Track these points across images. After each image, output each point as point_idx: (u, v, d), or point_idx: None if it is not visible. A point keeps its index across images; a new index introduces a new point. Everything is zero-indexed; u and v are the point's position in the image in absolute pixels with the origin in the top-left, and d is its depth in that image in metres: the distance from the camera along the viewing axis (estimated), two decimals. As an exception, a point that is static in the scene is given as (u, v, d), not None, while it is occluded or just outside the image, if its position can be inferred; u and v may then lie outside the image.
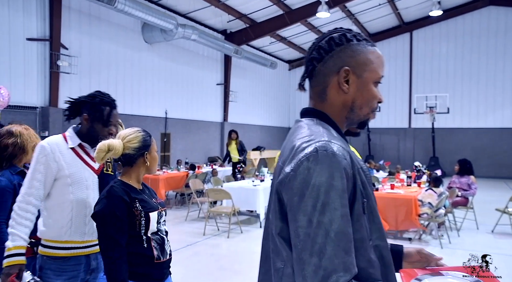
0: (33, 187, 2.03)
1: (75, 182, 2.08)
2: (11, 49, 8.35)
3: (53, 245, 2.08)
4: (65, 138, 2.14)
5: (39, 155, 2.05)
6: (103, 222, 1.81)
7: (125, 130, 1.99)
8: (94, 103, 2.13)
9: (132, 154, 1.93)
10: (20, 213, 2.01)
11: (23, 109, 8.48)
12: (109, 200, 1.83)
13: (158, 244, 1.93)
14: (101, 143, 1.87)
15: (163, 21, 10.18)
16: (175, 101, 12.91)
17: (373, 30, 17.67)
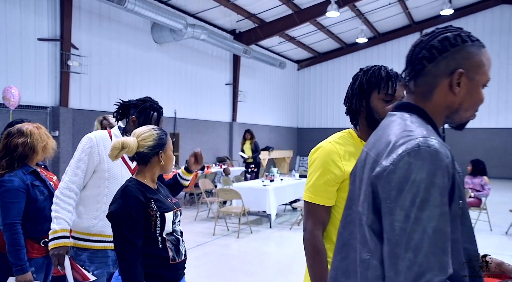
0: (77, 175, 2.12)
1: (111, 177, 2.16)
2: (23, 49, 8.41)
3: (83, 237, 2.15)
4: (109, 135, 2.24)
5: (85, 146, 2.15)
6: (118, 222, 1.79)
7: (141, 128, 1.96)
8: (144, 107, 2.24)
9: (146, 153, 1.90)
10: (64, 198, 2.08)
11: (34, 109, 8.53)
12: (124, 200, 1.81)
13: (173, 245, 1.91)
14: (116, 140, 1.86)
15: (173, 21, 10.18)
16: (184, 101, 12.92)
17: (383, 29, 17.54)
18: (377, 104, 1.60)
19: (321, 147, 1.63)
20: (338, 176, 1.55)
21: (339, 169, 1.56)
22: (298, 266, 5.25)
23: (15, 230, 2.18)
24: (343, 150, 1.60)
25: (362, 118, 1.65)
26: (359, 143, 1.64)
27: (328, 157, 1.58)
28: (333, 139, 1.66)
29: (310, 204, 1.59)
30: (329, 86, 19.78)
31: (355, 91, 1.64)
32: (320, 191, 1.57)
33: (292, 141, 20.13)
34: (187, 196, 10.34)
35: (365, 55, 18.72)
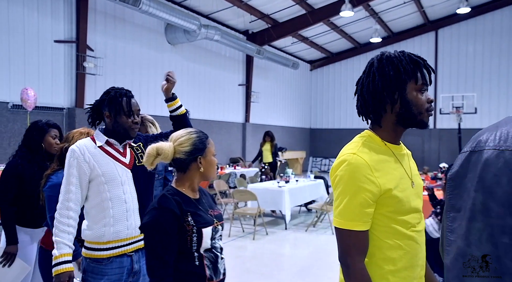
0: (70, 191, 2.04)
1: (109, 180, 2.07)
2: (40, 51, 8.49)
3: (96, 246, 2.07)
4: (93, 140, 2.15)
5: (70, 159, 2.07)
6: (150, 236, 1.66)
7: (178, 132, 1.83)
8: (111, 98, 2.12)
9: (184, 159, 1.75)
10: (62, 220, 2.03)
11: (50, 110, 8.61)
12: (158, 212, 1.67)
13: (211, 262, 1.75)
14: (150, 147, 1.73)
15: (187, 22, 10.20)
16: (197, 102, 12.94)
17: (397, 29, 17.35)
18: (415, 96, 1.37)
19: (345, 161, 1.35)
20: (374, 193, 1.31)
21: (374, 184, 1.31)
22: (315, 268, 5.20)
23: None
24: (372, 160, 1.35)
25: (390, 116, 1.40)
26: (383, 146, 1.41)
27: (358, 172, 1.31)
28: (356, 148, 1.38)
29: (345, 231, 1.32)
30: (342, 86, 19.63)
31: (388, 83, 1.37)
32: (355, 214, 1.31)
33: (305, 141, 20.03)
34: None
35: (378, 55, 18.51)
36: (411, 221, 1.38)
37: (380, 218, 1.35)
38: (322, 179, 9.02)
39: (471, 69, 16.91)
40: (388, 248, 1.36)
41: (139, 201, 2.16)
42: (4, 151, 7.78)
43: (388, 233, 1.36)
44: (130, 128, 2.13)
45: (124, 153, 2.20)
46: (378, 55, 1.43)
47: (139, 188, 2.17)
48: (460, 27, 16.94)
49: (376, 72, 1.40)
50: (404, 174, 1.42)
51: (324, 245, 6.41)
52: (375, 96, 1.40)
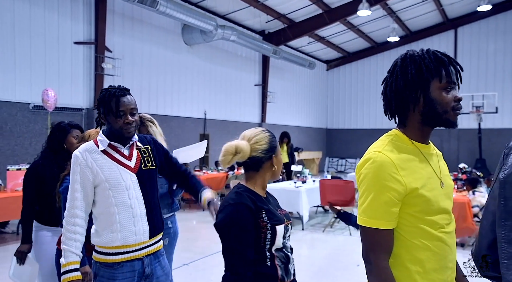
0: (75, 199, 2.00)
1: (113, 185, 2.00)
2: (60, 52, 8.64)
3: (106, 251, 2.03)
4: (96, 143, 2.07)
5: (73, 165, 2.03)
6: (227, 232, 1.61)
7: (249, 130, 1.78)
8: (100, 98, 2.04)
9: (260, 157, 1.71)
10: (69, 227, 2.00)
11: (70, 111, 8.74)
12: (233, 207, 1.62)
13: (282, 263, 1.69)
14: (228, 145, 1.68)
15: (203, 23, 10.25)
16: (213, 102, 12.98)
17: (415, 27, 17.10)
18: (440, 95, 1.34)
19: (370, 159, 1.34)
20: (400, 191, 1.29)
21: (399, 182, 1.28)
22: (332, 269, 5.14)
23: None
24: (398, 158, 1.32)
25: (414, 115, 1.38)
26: (410, 145, 1.38)
27: (383, 170, 1.29)
28: (381, 146, 1.36)
29: (369, 229, 1.31)
30: (358, 86, 19.46)
31: (410, 82, 1.35)
32: (380, 212, 1.29)
33: (322, 141, 19.91)
34: (218, 197, 10.36)
35: (396, 54, 18.13)
36: (440, 222, 1.33)
37: (407, 217, 1.32)
38: (340, 179, 8.94)
39: (491, 68, 16.56)
40: (415, 248, 1.32)
41: (146, 205, 2.08)
42: (25, 151, 7.94)
43: (415, 233, 1.32)
44: (122, 129, 2.02)
45: (129, 155, 2.10)
46: (403, 54, 1.42)
47: (145, 192, 2.09)
48: (481, 25, 16.60)
49: (399, 71, 1.39)
50: (432, 173, 1.38)
51: (342, 246, 6.34)
52: (398, 95, 1.39)
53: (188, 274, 4.84)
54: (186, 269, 5.00)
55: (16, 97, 7.94)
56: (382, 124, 18.67)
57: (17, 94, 7.95)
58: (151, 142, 2.26)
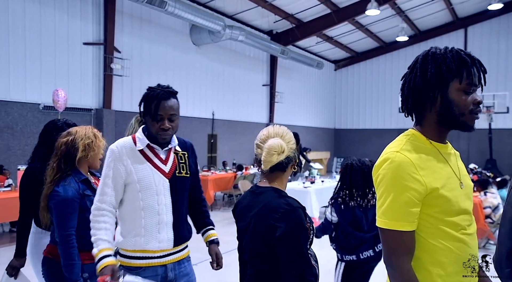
0: (105, 193, 1.93)
1: (144, 188, 1.92)
2: (69, 53, 8.69)
3: (129, 254, 1.95)
4: (134, 141, 1.98)
5: (108, 159, 1.96)
6: (296, 238, 1.52)
7: (275, 128, 1.69)
8: (143, 98, 1.97)
9: (291, 157, 1.65)
10: (97, 218, 1.93)
11: (79, 111, 8.79)
12: (295, 213, 1.54)
13: (315, 261, 1.65)
14: (273, 143, 1.61)
15: (211, 23, 10.25)
16: (221, 103, 12.99)
17: (424, 27, 16.97)
18: (458, 96, 1.29)
19: (388, 159, 1.30)
20: (420, 191, 1.25)
21: (419, 182, 1.25)
22: (343, 270, 5.10)
23: (70, 242, 2.09)
24: (417, 158, 1.29)
25: (431, 114, 1.35)
26: (428, 144, 1.35)
27: (402, 170, 1.25)
28: (399, 146, 1.32)
29: (390, 231, 1.26)
30: (367, 86, 19.35)
31: (428, 81, 1.31)
32: (400, 214, 1.25)
33: (330, 142, 19.84)
34: (226, 197, 10.36)
35: (405, 54, 18.18)
36: (461, 223, 1.30)
37: (427, 218, 1.29)
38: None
39: (503, 68, 16.37)
40: (436, 250, 1.28)
41: (174, 213, 1.98)
42: (35, 151, 8.00)
43: (436, 234, 1.28)
44: (157, 133, 1.93)
45: (165, 159, 2.01)
46: (425, 50, 1.38)
47: (175, 200, 1.99)
48: (492, 24, 16.42)
49: (419, 68, 1.35)
50: (451, 173, 1.34)
51: (351, 246, 6.29)
52: (415, 93, 1.35)
53: (198, 274, 4.84)
54: (196, 270, 4.99)
55: (27, 98, 8.01)
56: (390, 124, 18.56)
57: (28, 95, 8.02)
58: (189, 149, 2.16)
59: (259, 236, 1.62)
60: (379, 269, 2.42)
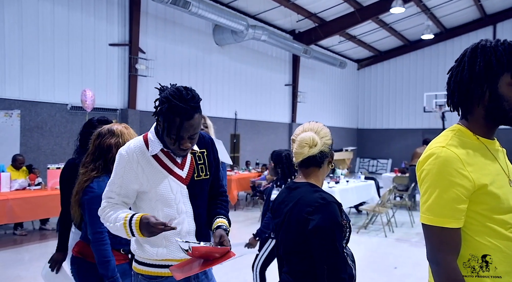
0: (110, 197, 1.77)
1: (160, 198, 1.73)
2: (96, 54, 8.86)
3: (149, 262, 1.78)
4: (146, 143, 1.76)
5: (117, 166, 1.75)
6: (330, 233, 1.49)
7: (310, 124, 1.67)
8: (163, 110, 1.64)
9: (326, 152, 1.62)
10: (106, 214, 1.75)
11: (105, 111, 8.94)
12: (329, 207, 1.52)
13: (352, 261, 1.62)
14: (305, 135, 1.59)
15: (234, 23, 10.28)
16: (244, 103, 13.01)
17: (450, 24, 16.59)
18: (509, 91, 1.25)
19: (434, 154, 1.26)
20: (468, 188, 1.21)
21: (467, 178, 1.21)
22: (369, 271, 5.02)
23: (103, 240, 2.05)
24: (464, 153, 1.25)
25: (479, 109, 1.30)
26: (475, 140, 1.30)
27: (449, 165, 1.22)
28: (445, 141, 1.29)
29: (435, 228, 1.23)
30: (390, 85, 19.06)
31: (476, 74, 1.27)
32: (446, 210, 1.21)
33: (352, 142, 19.62)
34: (248, 197, 10.36)
35: (430, 52, 17.84)
36: (511, 221, 1.25)
37: (474, 216, 1.24)
38: (373, 180, 8.77)
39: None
40: (484, 249, 1.23)
41: (196, 220, 1.81)
42: (63, 151, 8.18)
43: (483, 232, 1.24)
44: (176, 151, 1.73)
45: (182, 163, 1.80)
46: (474, 43, 1.33)
47: (196, 206, 1.81)
48: (521, 20, 15.93)
49: (467, 62, 1.31)
50: (500, 170, 1.29)
51: (377, 247, 6.19)
52: (462, 87, 1.31)
53: (223, 274, 4.84)
54: (221, 269, 4.99)
55: (55, 99, 8.20)
56: (415, 124, 18.23)
57: (56, 95, 8.21)
58: (208, 144, 1.93)
59: (293, 231, 1.60)
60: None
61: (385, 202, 7.23)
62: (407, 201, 8.25)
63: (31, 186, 6.36)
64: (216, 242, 1.69)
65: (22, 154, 7.14)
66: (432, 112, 14.00)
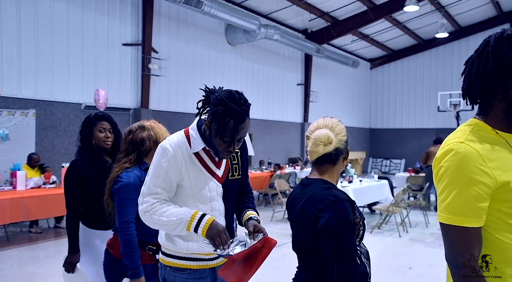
0: (157, 193, 1.75)
1: (197, 195, 1.77)
2: (109, 54, 8.93)
3: (178, 255, 1.81)
4: (188, 139, 1.78)
5: (160, 160, 1.74)
6: (341, 231, 1.47)
7: (325, 120, 1.66)
8: (218, 112, 1.66)
9: (341, 149, 1.60)
10: (155, 210, 1.74)
11: (118, 111, 9.01)
12: (341, 204, 1.50)
13: (366, 259, 1.59)
14: (319, 133, 1.58)
15: (247, 22, 10.28)
16: (256, 102, 12.99)
17: (465, 23, 16.34)
18: None
19: (452, 150, 1.19)
20: (489, 185, 1.14)
21: (488, 175, 1.14)
22: (383, 271, 4.96)
23: (129, 229, 2.04)
24: (483, 149, 1.18)
25: (501, 103, 1.23)
26: (494, 134, 1.23)
27: (468, 162, 1.15)
28: (463, 137, 1.21)
29: (454, 228, 1.16)
30: (404, 85, 18.86)
31: (503, 66, 1.20)
32: (467, 208, 1.15)
33: (365, 142, 19.47)
34: (261, 196, 10.34)
35: (444, 51, 17.61)
36: None
37: (496, 214, 1.18)
38: (387, 180, 8.68)
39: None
40: (508, 248, 1.18)
41: (226, 217, 1.86)
42: (77, 149, 8.26)
43: (507, 231, 1.18)
44: (222, 152, 1.75)
45: (219, 163, 1.84)
46: (497, 32, 1.26)
47: (227, 203, 1.86)
48: (539, 17, 15.63)
49: (491, 52, 1.22)
50: None
51: (391, 247, 6.12)
52: (485, 80, 1.23)
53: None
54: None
55: (70, 98, 8.29)
56: (428, 124, 18.01)
57: (71, 95, 8.30)
58: (243, 145, 1.96)
59: (304, 228, 1.58)
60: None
61: (399, 202, 7.15)
62: (422, 201, 8.15)
63: (46, 184, 6.43)
64: (250, 231, 1.71)
65: (37, 153, 7.24)
66: (446, 111, 13.81)
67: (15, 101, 7.47)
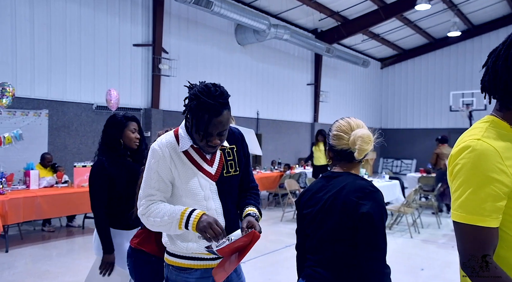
0: (153, 187, 1.76)
1: (190, 194, 1.74)
2: (120, 54, 9.00)
3: (180, 254, 1.81)
4: (176, 138, 1.77)
5: (151, 161, 1.75)
6: (380, 220, 1.53)
7: (355, 120, 1.77)
8: (192, 107, 1.65)
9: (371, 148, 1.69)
10: (149, 212, 1.75)
11: (129, 111, 9.07)
12: (378, 194, 1.58)
13: None
14: (367, 132, 1.66)
15: (256, 22, 10.27)
16: (266, 102, 12.98)
17: (478, 21, 16.13)
18: None
19: (469, 147, 1.15)
20: (507, 184, 1.11)
21: (505, 174, 1.11)
22: (395, 272, 4.90)
23: None
24: (501, 146, 1.14)
25: None
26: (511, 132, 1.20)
27: (486, 159, 1.11)
28: (480, 133, 1.17)
29: (469, 227, 1.13)
30: (415, 84, 18.68)
31: None
32: (483, 207, 1.11)
33: (376, 142, 19.32)
34: (271, 196, 10.33)
35: (456, 50, 17.40)
36: None
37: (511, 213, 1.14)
38: (398, 180, 8.60)
39: None
40: None
41: (226, 216, 1.81)
42: (89, 149, 8.34)
43: None
44: (205, 147, 1.73)
45: (211, 160, 1.80)
46: None
47: (225, 202, 1.81)
48: (553, 16, 15.37)
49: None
50: None
51: (402, 248, 6.07)
52: None
53: (246, 272, 4.83)
54: (244, 268, 4.99)
55: (81, 98, 8.37)
56: (440, 123, 17.81)
57: (82, 95, 8.38)
58: (238, 140, 1.92)
59: (335, 216, 1.61)
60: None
61: (410, 202, 7.08)
62: (433, 201, 8.06)
63: (58, 183, 6.50)
64: (243, 227, 1.68)
65: (50, 153, 7.32)
66: (458, 111, 13.65)
67: (28, 102, 7.57)
